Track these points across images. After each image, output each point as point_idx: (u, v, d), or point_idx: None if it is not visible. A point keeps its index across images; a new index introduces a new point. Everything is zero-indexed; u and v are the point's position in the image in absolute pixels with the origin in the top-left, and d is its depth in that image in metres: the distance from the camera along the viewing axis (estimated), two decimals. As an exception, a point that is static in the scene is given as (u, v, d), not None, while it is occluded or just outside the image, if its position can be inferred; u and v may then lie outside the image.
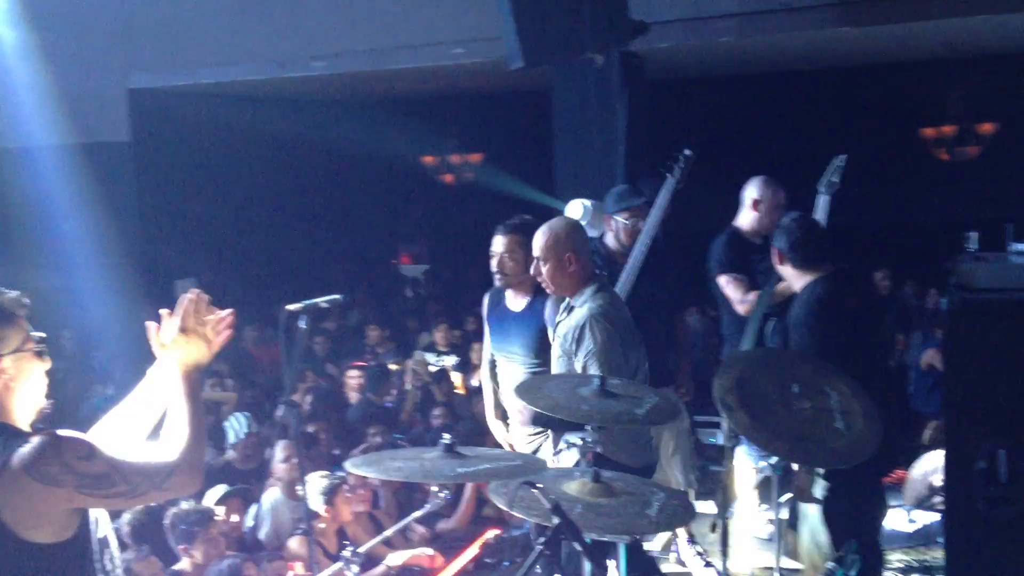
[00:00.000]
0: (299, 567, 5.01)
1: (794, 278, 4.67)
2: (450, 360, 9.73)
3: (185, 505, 5.43)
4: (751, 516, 6.22)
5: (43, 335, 2.65)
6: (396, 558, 5.53)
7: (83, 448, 2.47)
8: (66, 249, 10.70)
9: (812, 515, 4.62)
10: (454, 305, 11.91)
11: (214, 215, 11.74)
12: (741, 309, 5.45)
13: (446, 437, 3.10)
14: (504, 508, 3.22)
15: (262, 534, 5.95)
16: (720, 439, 5.49)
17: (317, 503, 5.59)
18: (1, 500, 2.38)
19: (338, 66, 9.97)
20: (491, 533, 5.99)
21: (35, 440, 2.43)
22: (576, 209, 7.01)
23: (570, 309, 4.49)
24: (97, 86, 10.79)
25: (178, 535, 5.27)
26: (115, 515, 5.81)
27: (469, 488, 6.46)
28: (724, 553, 4.21)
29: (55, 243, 10.78)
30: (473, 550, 5.80)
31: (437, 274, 14.78)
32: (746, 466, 5.97)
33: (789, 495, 4.98)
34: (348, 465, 3.21)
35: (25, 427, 2.56)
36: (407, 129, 12.98)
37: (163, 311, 2.76)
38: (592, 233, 7.19)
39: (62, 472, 2.41)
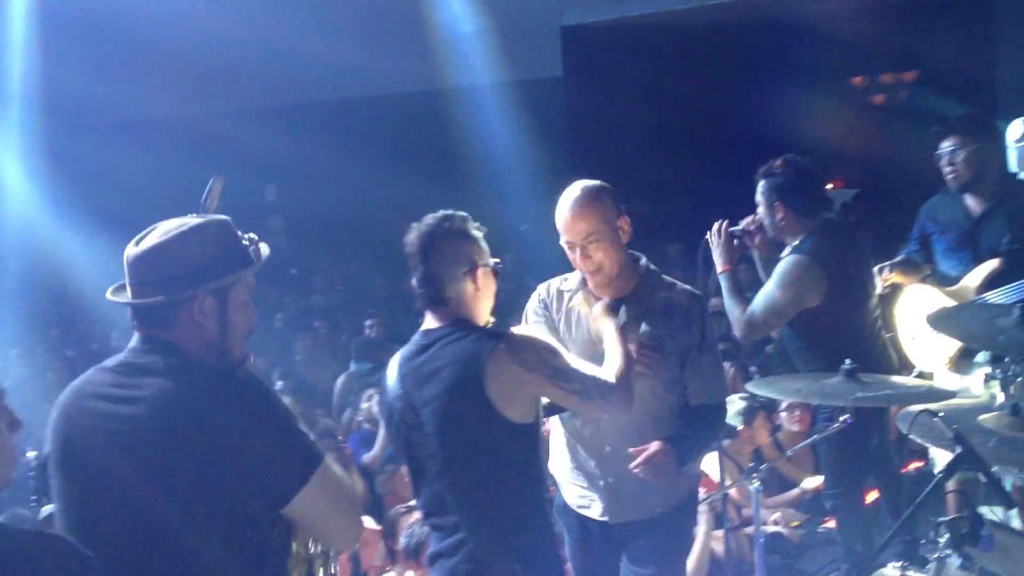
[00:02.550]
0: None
1: None
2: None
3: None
4: None
5: (497, 259, 3.08)
6: (812, 482, 5.57)
7: (550, 346, 2.94)
8: (503, 179, 11.58)
9: None
10: (883, 231, 11.42)
11: (642, 144, 12.08)
12: None
13: (847, 362, 3.11)
14: (914, 438, 3.18)
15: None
16: None
17: (736, 422, 5.76)
18: (490, 379, 2.80)
19: (761, -11, 9.84)
20: (913, 466, 5.83)
21: (518, 333, 2.93)
22: (1017, 129, 6.48)
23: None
24: (532, 25, 11.44)
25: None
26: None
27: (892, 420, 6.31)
28: None
29: (494, 174, 11.70)
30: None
31: (867, 198, 14.20)
32: None
33: None
34: (749, 386, 3.32)
35: None
36: (834, 49, 12.49)
37: None
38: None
39: (536, 360, 2.84)
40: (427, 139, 12.12)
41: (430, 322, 2.99)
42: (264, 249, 2.45)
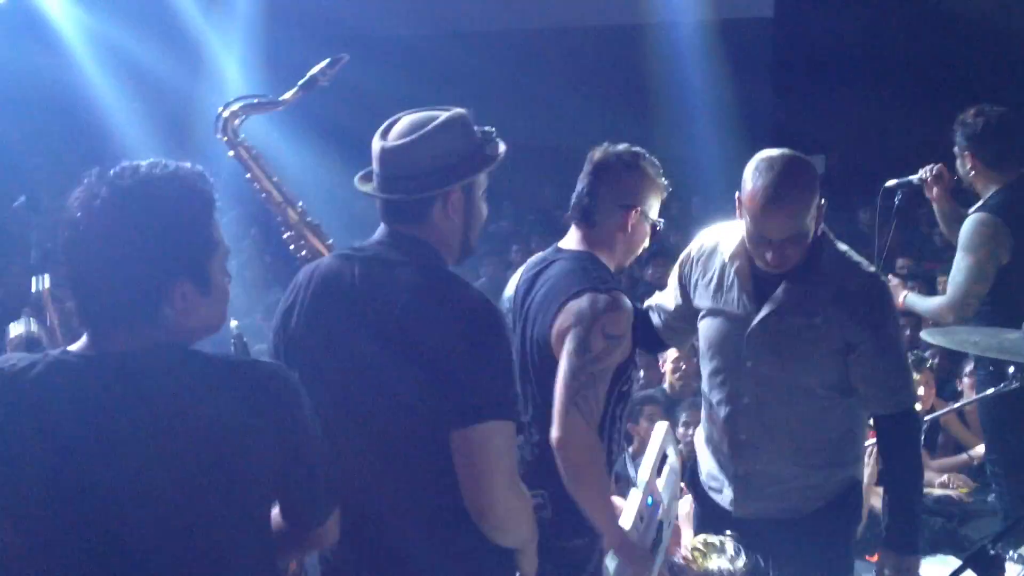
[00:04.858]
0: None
1: None
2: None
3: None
4: None
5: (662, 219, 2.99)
6: (979, 449, 5.46)
7: (611, 345, 2.74)
8: (699, 121, 11.41)
9: None
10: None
11: (851, 90, 11.65)
12: None
13: (1030, 320, 3.02)
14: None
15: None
16: None
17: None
18: (558, 316, 2.76)
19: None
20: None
21: (614, 302, 2.76)
22: None
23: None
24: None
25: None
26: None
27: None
28: None
29: (689, 114, 11.54)
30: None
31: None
32: None
33: None
34: (924, 335, 3.27)
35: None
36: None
37: None
38: None
39: (586, 333, 2.71)
40: (625, 74, 12.07)
41: (567, 240, 2.96)
42: (501, 145, 2.46)
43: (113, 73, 10.93)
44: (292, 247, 3.04)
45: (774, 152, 2.84)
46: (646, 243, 2.99)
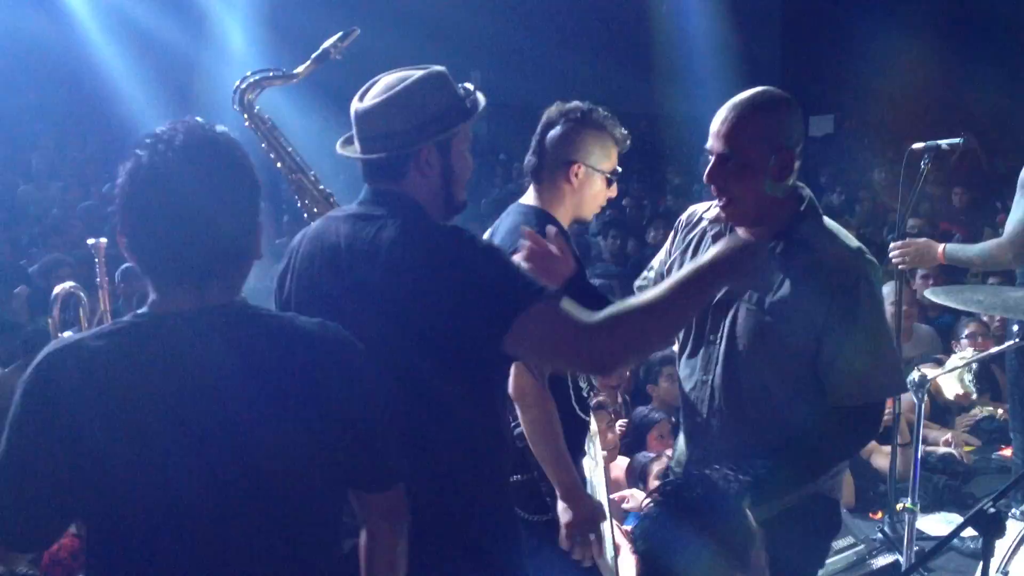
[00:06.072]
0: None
1: None
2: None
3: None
4: None
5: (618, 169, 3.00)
6: (977, 408, 5.54)
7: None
8: (704, 80, 11.33)
9: None
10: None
11: (861, 49, 11.55)
12: None
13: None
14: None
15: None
16: None
17: None
18: None
19: None
20: None
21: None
22: None
23: None
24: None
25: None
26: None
27: None
28: None
29: (696, 74, 11.47)
30: None
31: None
32: None
33: None
34: (928, 294, 3.26)
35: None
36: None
37: None
38: None
39: None
40: (633, 33, 11.99)
41: (525, 197, 3.01)
42: (481, 99, 2.44)
43: (116, 39, 10.88)
44: (307, 215, 3.08)
45: None
46: (611, 193, 3.00)
